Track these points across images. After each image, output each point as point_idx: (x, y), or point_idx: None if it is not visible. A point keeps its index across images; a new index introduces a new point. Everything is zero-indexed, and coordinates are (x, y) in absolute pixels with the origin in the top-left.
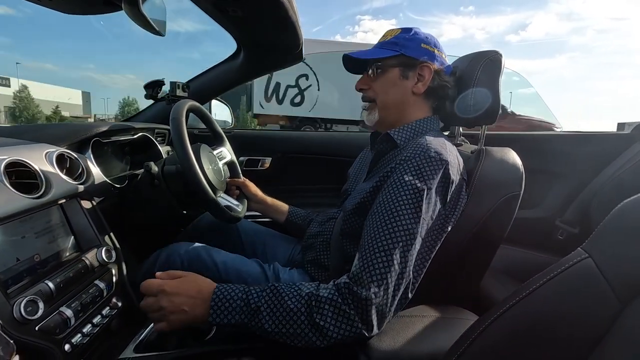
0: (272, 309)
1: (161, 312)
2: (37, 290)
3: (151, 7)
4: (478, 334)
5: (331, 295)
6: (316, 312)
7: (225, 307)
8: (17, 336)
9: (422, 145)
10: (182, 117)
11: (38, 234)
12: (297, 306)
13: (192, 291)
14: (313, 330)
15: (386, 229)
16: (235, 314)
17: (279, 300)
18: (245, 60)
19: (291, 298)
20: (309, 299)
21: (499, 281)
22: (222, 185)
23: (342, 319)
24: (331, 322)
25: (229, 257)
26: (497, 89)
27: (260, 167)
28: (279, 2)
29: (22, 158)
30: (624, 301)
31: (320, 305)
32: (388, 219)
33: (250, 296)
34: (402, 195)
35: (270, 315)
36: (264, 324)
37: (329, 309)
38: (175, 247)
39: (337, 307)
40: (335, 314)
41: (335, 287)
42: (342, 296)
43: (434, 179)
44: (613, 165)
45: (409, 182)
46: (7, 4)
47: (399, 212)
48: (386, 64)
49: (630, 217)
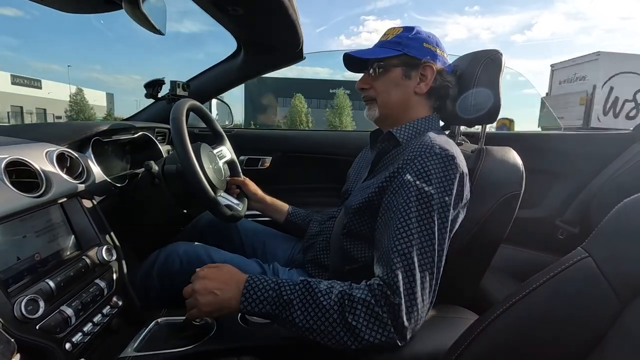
0: (304, 303)
1: (194, 296)
2: (38, 289)
3: (151, 6)
4: (478, 333)
5: (364, 296)
6: (349, 311)
7: (257, 296)
8: (17, 335)
9: (427, 144)
10: (182, 116)
11: (38, 233)
12: (330, 304)
13: (224, 276)
14: (345, 329)
15: (404, 234)
16: (266, 303)
17: (312, 295)
18: (246, 60)
19: (324, 295)
20: (342, 297)
21: (499, 280)
22: (222, 184)
23: (375, 321)
24: (363, 324)
25: (228, 256)
26: (497, 88)
27: (261, 166)
28: (279, 1)
29: (22, 157)
30: (624, 301)
31: (353, 305)
32: (404, 223)
33: (283, 288)
34: (412, 198)
35: (302, 309)
36: (295, 318)
37: (362, 309)
38: (174, 247)
39: (371, 309)
40: (368, 315)
41: (369, 288)
42: (376, 298)
43: (444, 177)
44: (613, 165)
45: (417, 183)
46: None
47: (412, 216)
48: (388, 63)
49: (630, 216)
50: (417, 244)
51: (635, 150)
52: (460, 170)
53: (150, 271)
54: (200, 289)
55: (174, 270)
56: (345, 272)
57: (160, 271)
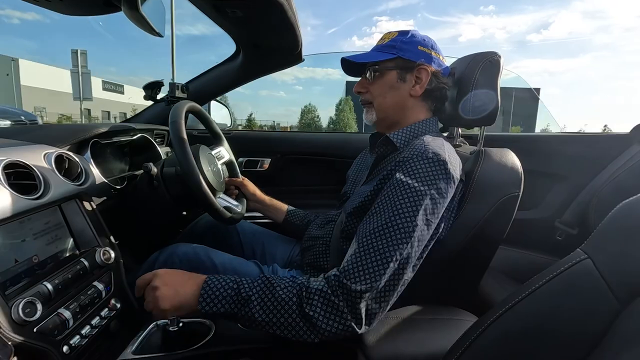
0: (262, 298)
1: (153, 289)
2: (36, 291)
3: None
4: (477, 335)
5: (321, 286)
6: (306, 302)
7: (216, 296)
8: (15, 338)
9: (420, 147)
10: (181, 118)
11: (36, 235)
12: (289, 296)
13: (184, 276)
14: (304, 320)
15: (383, 229)
16: (225, 302)
17: (270, 290)
18: (245, 62)
19: (283, 289)
20: (299, 290)
21: (498, 282)
22: (221, 186)
23: (332, 310)
24: (320, 314)
25: (227, 258)
26: (496, 90)
27: (260, 168)
28: (278, 4)
29: (20, 159)
30: (623, 302)
31: (310, 296)
32: (386, 219)
33: (242, 286)
34: (400, 197)
35: (260, 304)
36: (255, 314)
37: (318, 299)
38: (173, 248)
39: (327, 298)
40: (324, 305)
41: (326, 280)
42: (332, 288)
43: (435, 180)
44: (612, 166)
45: (408, 184)
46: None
47: (396, 213)
48: (383, 67)
49: (629, 218)
50: (392, 235)
51: (633, 151)
52: (451, 175)
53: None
54: (160, 284)
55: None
56: None
57: None
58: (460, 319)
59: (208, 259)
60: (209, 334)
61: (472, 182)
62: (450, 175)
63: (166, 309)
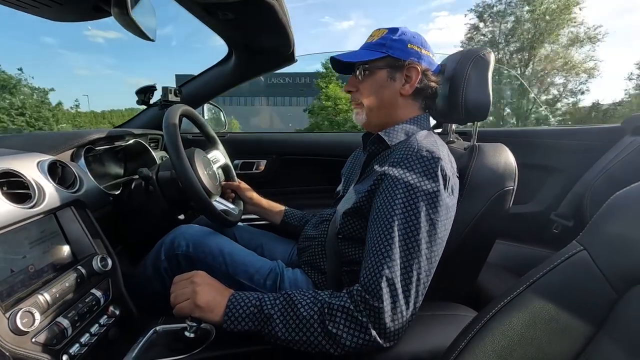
0: (285, 316)
1: (193, 285)
2: (33, 301)
3: (141, 13)
4: (477, 329)
5: (344, 302)
6: (329, 319)
7: (240, 314)
8: (13, 349)
9: (413, 146)
10: (175, 122)
11: (32, 244)
12: (310, 314)
13: (222, 286)
14: (327, 338)
15: (394, 238)
16: (248, 320)
17: (292, 308)
18: (237, 63)
19: (304, 306)
20: (321, 307)
21: (496, 276)
22: (217, 189)
23: (356, 327)
24: (344, 330)
25: (236, 247)
26: (487, 85)
27: (255, 169)
28: (270, 5)
29: (13, 168)
30: (620, 292)
31: (333, 313)
32: (387, 225)
33: (264, 303)
34: (397, 200)
35: (283, 323)
36: (277, 332)
37: (341, 316)
38: (183, 229)
39: (350, 314)
40: (348, 322)
41: (348, 295)
42: (355, 304)
43: (431, 178)
44: (604, 158)
45: (403, 186)
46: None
47: (396, 218)
48: (373, 65)
49: (622, 209)
50: (400, 241)
51: (625, 143)
52: (444, 173)
53: (157, 252)
54: (201, 281)
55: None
56: (343, 274)
57: (166, 252)
58: (459, 314)
59: (216, 245)
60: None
61: (467, 177)
62: (445, 172)
63: (200, 305)
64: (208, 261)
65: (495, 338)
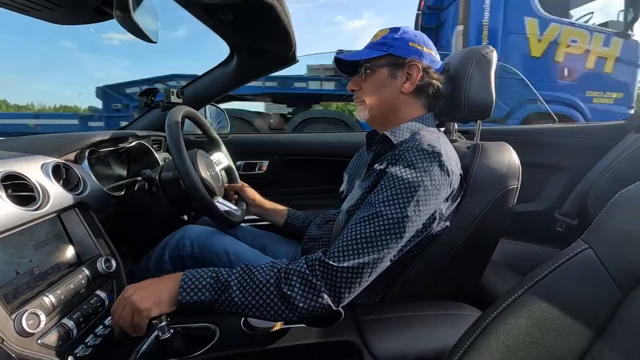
0: (241, 282)
1: (126, 301)
2: (38, 303)
3: (143, 15)
4: (482, 329)
5: (300, 267)
6: (285, 283)
7: (195, 285)
8: (19, 350)
9: (415, 141)
10: (177, 123)
11: (37, 246)
12: (267, 278)
13: (156, 278)
14: (282, 300)
15: (372, 217)
16: (205, 290)
17: (249, 275)
18: (239, 65)
19: (261, 272)
20: (278, 272)
21: (500, 275)
22: (220, 190)
23: (309, 288)
24: (298, 292)
25: (241, 246)
26: (490, 84)
27: (258, 170)
28: (270, 6)
29: (18, 170)
30: (626, 290)
31: (288, 277)
32: (376, 208)
33: (220, 274)
34: (393, 188)
35: (240, 289)
36: (234, 297)
37: (297, 279)
38: (188, 230)
39: (305, 277)
40: (302, 285)
41: (305, 260)
42: (310, 268)
43: (429, 172)
44: (609, 155)
45: (401, 175)
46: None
47: (387, 204)
48: (375, 64)
49: (628, 206)
50: (377, 220)
51: (629, 140)
52: (446, 167)
53: (161, 255)
54: (130, 292)
55: (185, 254)
56: None
57: (170, 254)
58: (463, 313)
59: (222, 246)
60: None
61: (470, 176)
62: (445, 167)
63: (147, 307)
64: (213, 261)
65: (500, 337)
